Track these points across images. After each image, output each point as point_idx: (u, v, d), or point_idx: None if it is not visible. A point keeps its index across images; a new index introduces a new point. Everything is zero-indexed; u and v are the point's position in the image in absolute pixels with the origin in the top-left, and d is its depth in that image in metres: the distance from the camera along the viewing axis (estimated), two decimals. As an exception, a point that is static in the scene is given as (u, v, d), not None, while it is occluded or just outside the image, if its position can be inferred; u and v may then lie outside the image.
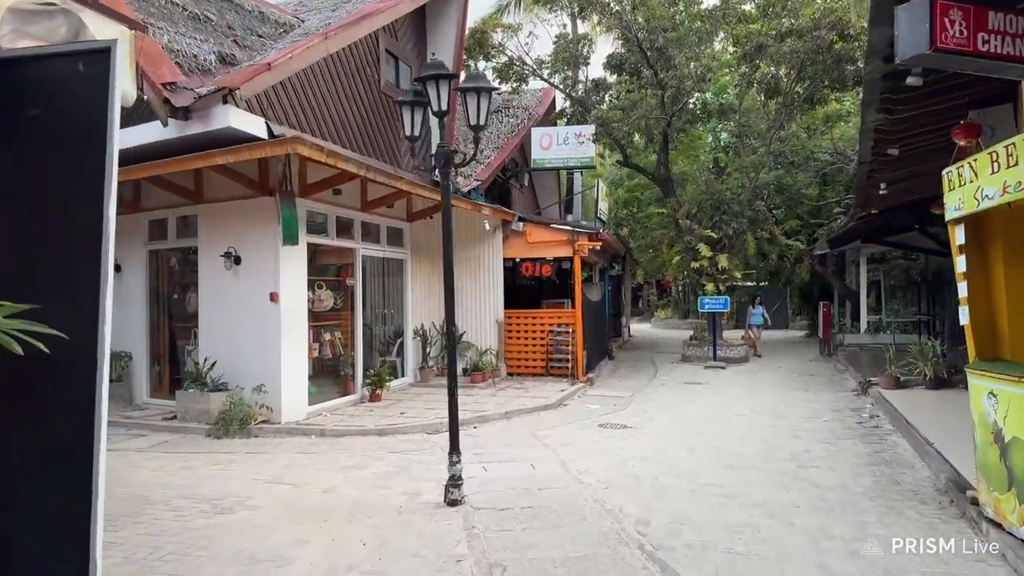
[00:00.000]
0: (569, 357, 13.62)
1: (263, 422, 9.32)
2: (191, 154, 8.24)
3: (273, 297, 9.38)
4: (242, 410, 9.22)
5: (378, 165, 9.35)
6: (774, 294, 29.57)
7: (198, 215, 10.29)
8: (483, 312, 13.87)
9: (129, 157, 9.18)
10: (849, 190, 23.46)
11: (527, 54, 18.43)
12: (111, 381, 11.07)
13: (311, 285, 10.19)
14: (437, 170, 6.00)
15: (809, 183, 23.21)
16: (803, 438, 8.53)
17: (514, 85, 18.78)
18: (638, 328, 32.67)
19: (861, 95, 6.33)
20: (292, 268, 9.51)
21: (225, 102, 8.37)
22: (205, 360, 9.90)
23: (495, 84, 19.83)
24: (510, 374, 13.97)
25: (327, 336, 10.75)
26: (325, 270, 11.01)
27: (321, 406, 10.16)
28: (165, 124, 8.51)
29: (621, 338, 24.50)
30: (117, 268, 11.33)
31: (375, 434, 8.93)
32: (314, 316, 10.37)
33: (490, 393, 12.03)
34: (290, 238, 8.48)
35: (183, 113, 8.41)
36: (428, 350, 13.15)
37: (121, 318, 11.32)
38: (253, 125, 8.63)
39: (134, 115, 9.53)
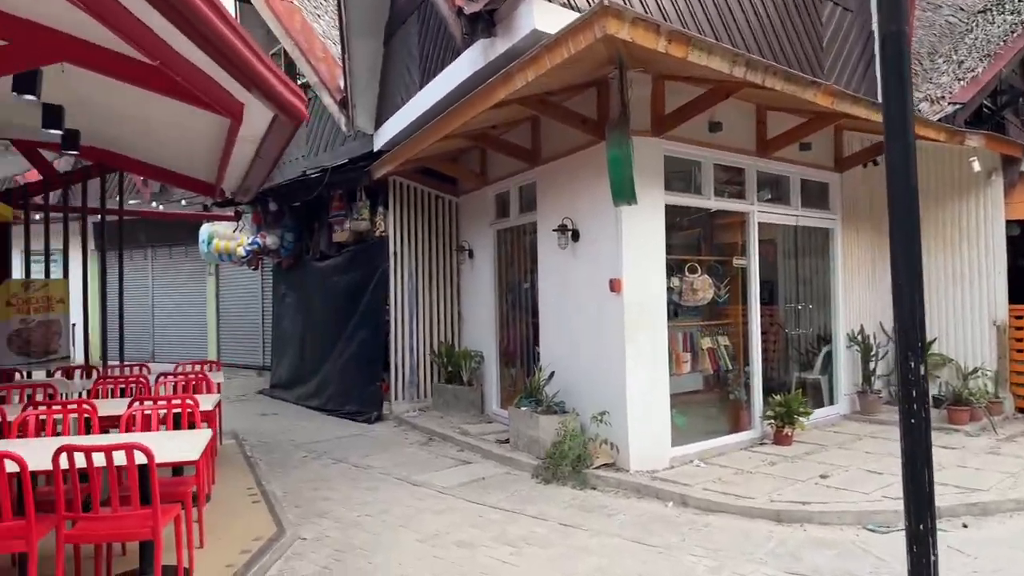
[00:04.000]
0: None
1: (605, 466, 6.43)
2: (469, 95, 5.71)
3: (614, 285, 6.40)
4: (577, 445, 6.49)
5: (772, 64, 5.64)
6: None
7: (536, 181, 7.90)
8: (967, 307, 8.70)
9: (438, 111, 7.22)
10: None
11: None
12: (462, 384, 9.59)
13: (675, 267, 6.93)
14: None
15: None
16: None
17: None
18: None
19: None
20: (640, 242, 6.39)
21: (528, -6, 5.68)
22: (540, 369, 7.48)
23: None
24: (1020, 410, 8.53)
25: (705, 342, 7.35)
26: (699, 246, 7.63)
27: (693, 448, 6.80)
28: (460, 43, 6.22)
29: None
30: (469, 253, 9.74)
31: (768, 518, 5.24)
32: (683, 312, 7.10)
33: (987, 446, 7.11)
34: (621, 193, 5.36)
35: (483, 26, 5.98)
36: (872, 365, 8.67)
37: (473, 311, 9.75)
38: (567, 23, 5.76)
39: (449, 50, 7.52)
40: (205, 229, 12.73)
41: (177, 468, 4.71)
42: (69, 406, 4.77)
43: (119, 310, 9.27)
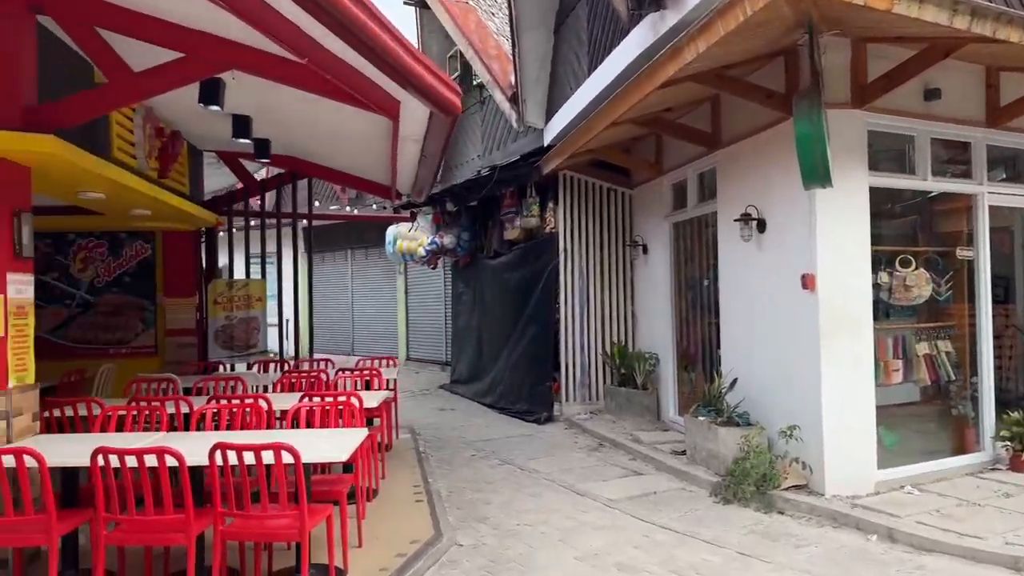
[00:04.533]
0: None
1: (795, 487, 5.66)
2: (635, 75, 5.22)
3: (806, 281, 5.60)
4: (763, 463, 5.78)
5: (1007, 11, 4.57)
6: None
7: (716, 167, 7.23)
8: None
9: (605, 97, 6.80)
10: None
11: None
12: (635, 387, 9.08)
13: (884, 260, 5.94)
14: None
15: None
16: None
17: None
18: None
19: None
20: (838, 232, 5.53)
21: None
22: (721, 375, 6.81)
23: None
24: None
25: (921, 348, 6.24)
26: (914, 235, 6.53)
27: (904, 471, 5.78)
28: (627, 21, 5.77)
29: None
30: (643, 248, 9.24)
31: (1001, 565, 4.24)
32: (894, 313, 6.10)
33: None
34: (813, 174, 4.60)
35: (650, -1, 5.49)
36: None
37: (647, 309, 9.25)
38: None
39: (617, 31, 7.09)
40: (391, 231, 13.33)
41: (347, 465, 4.75)
42: (247, 400, 5.00)
43: (308, 308, 9.91)
